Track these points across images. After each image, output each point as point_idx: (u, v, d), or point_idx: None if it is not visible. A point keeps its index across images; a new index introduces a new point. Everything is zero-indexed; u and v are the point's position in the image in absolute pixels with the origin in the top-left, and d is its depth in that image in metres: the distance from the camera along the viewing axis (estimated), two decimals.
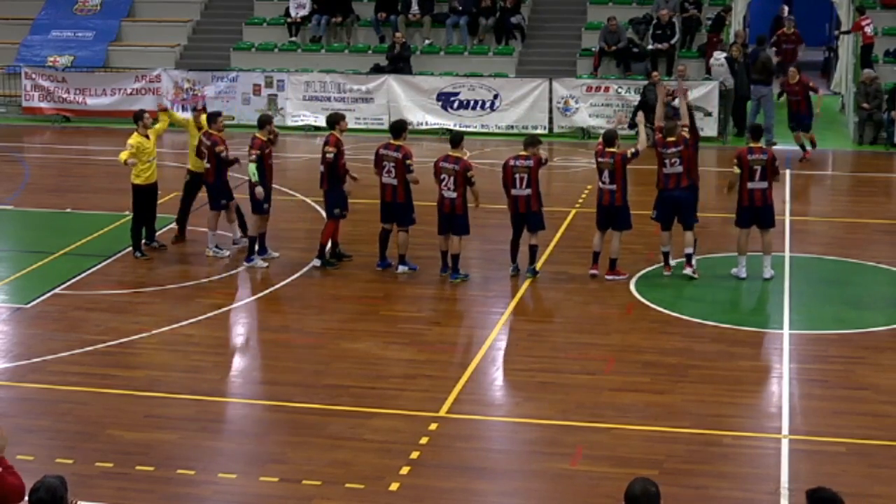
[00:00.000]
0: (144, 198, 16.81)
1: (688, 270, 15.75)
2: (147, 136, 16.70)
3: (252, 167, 16.12)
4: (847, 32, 28.23)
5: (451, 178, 15.58)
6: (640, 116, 17.14)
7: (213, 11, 31.16)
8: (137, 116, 16.96)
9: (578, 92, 26.37)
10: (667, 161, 15.70)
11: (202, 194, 17.11)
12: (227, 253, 16.89)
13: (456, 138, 15.92)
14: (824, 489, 6.71)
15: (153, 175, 16.84)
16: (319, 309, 15.05)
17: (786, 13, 31.83)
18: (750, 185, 15.61)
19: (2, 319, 14.66)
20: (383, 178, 16.00)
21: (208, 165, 16.71)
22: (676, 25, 27.23)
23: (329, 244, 16.50)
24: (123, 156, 16.50)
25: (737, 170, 15.66)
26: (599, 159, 15.77)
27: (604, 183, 15.75)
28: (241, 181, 18.39)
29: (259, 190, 16.13)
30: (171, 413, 11.78)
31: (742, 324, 14.41)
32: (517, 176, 15.56)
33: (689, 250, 15.80)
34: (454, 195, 15.62)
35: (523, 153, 15.64)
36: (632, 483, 6.68)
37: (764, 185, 15.62)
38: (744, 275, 15.84)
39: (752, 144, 15.82)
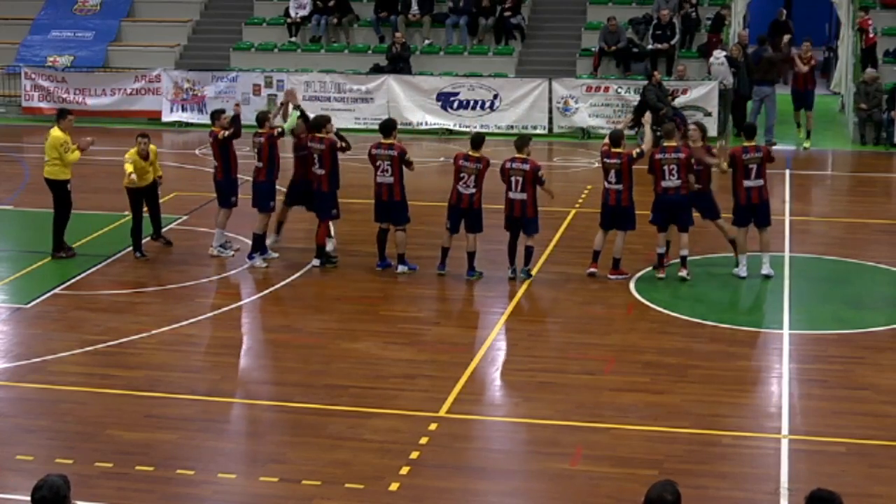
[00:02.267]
0: (141, 198, 16.81)
1: (682, 272, 15.75)
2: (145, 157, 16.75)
3: (287, 124, 16.57)
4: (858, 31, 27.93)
5: (472, 177, 15.63)
6: (648, 117, 17.07)
7: (212, 11, 31.17)
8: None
9: (578, 92, 26.37)
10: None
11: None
12: (232, 253, 16.89)
13: (476, 140, 15.90)
14: (821, 489, 6.56)
15: (148, 176, 16.84)
16: (319, 309, 15.05)
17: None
18: (746, 183, 15.66)
19: (2, 319, 14.65)
20: (378, 177, 15.99)
21: (217, 164, 16.80)
22: (676, 25, 27.23)
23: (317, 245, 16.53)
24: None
25: (725, 166, 15.82)
26: (606, 160, 15.75)
27: (610, 183, 15.73)
28: (242, 181, 18.41)
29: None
30: (170, 413, 11.78)
31: (742, 324, 14.41)
32: (513, 179, 15.54)
33: (685, 252, 15.79)
34: (473, 190, 15.66)
35: (519, 156, 15.64)
36: (653, 485, 6.49)
37: (760, 182, 15.68)
38: (744, 273, 15.85)
39: (745, 143, 15.87)
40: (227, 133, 16.48)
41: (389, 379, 12.63)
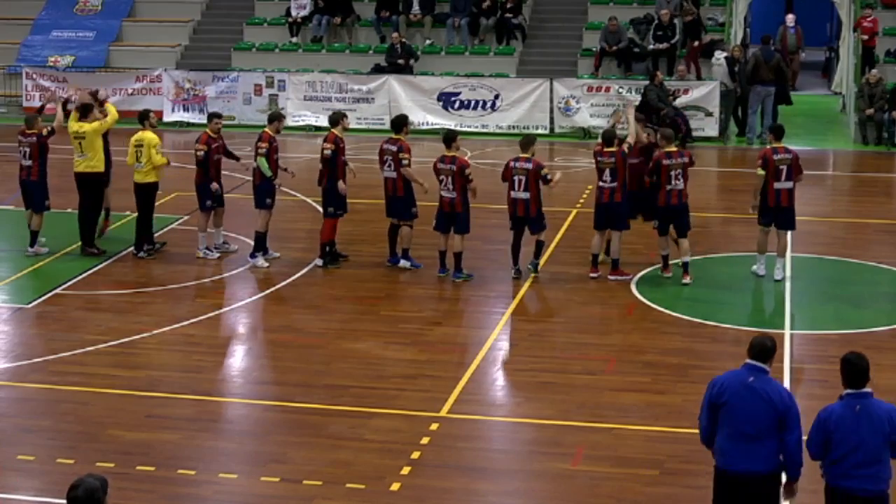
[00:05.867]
0: (151, 196, 16.85)
1: (685, 280, 15.66)
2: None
3: (262, 161, 16.19)
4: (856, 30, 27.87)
5: (449, 178, 15.62)
6: (630, 109, 16.95)
7: (213, 11, 31.18)
8: (143, 116, 17.11)
9: (579, 92, 26.37)
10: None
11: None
12: (217, 255, 16.87)
13: (448, 137, 15.92)
14: (852, 352, 8.46)
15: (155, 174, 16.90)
16: (320, 309, 15.05)
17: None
18: (776, 185, 15.49)
19: (3, 319, 14.66)
20: (384, 171, 16.06)
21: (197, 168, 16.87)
22: (677, 26, 27.22)
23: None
24: (160, 160, 16.69)
25: (760, 171, 15.54)
26: (599, 158, 15.75)
27: (605, 182, 15.72)
28: (243, 181, 18.47)
29: (278, 182, 16.40)
30: (171, 413, 11.78)
31: (743, 324, 14.40)
32: (516, 178, 15.54)
33: (687, 258, 15.72)
34: (453, 195, 15.64)
35: (523, 155, 15.63)
36: (755, 337, 8.41)
37: (789, 184, 15.54)
38: (762, 272, 15.82)
39: (775, 144, 15.77)
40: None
41: (391, 379, 12.63)
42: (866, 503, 8.09)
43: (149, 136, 16.78)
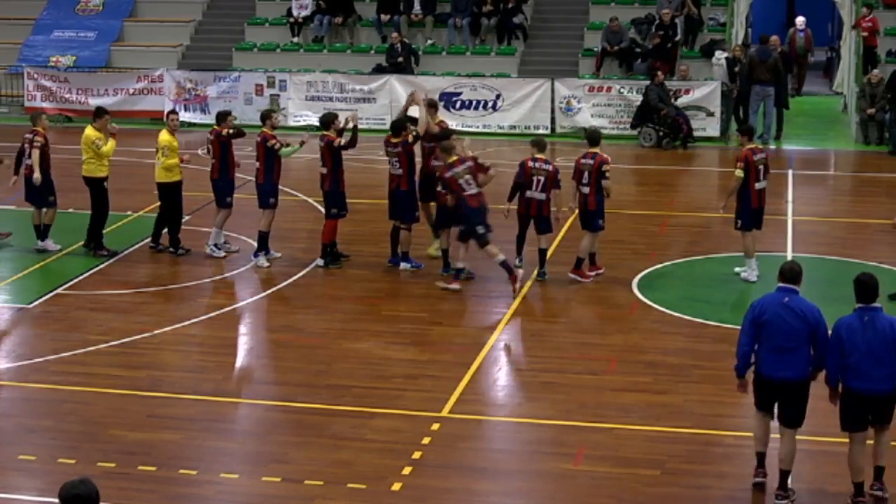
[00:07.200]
0: (170, 194, 16.91)
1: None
2: (173, 135, 16.97)
3: (285, 150, 16.41)
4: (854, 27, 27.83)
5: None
6: (419, 95, 16.93)
7: (215, 11, 31.20)
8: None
9: (581, 92, 26.38)
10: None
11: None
12: (223, 254, 16.90)
13: (445, 145, 15.81)
14: (864, 273, 9.67)
15: (179, 172, 17.00)
16: (322, 309, 15.06)
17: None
18: (757, 185, 15.46)
19: (4, 320, 14.67)
20: (390, 169, 16.12)
21: (213, 161, 16.87)
22: (678, 25, 27.22)
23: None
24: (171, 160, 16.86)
25: (740, 173, 15.42)
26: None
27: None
28: (244, 181, 18.46)
29: (308, 136, 17.03)
30: (173, 413, 11.79)
31: None
32: (535, 178, 15.53)
33: (502, 257, 15.33)
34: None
35: (541, 156, 15.61)
36: (785, 262, 9.90)
37: (765, 184, 15.57)
38: (754, 279, 15.71)
39: (752, 146, 15.76)
40: (231, 132, 16.66)
41: (392, 379, 12.64)
42: (875, 401, 9.54)
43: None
